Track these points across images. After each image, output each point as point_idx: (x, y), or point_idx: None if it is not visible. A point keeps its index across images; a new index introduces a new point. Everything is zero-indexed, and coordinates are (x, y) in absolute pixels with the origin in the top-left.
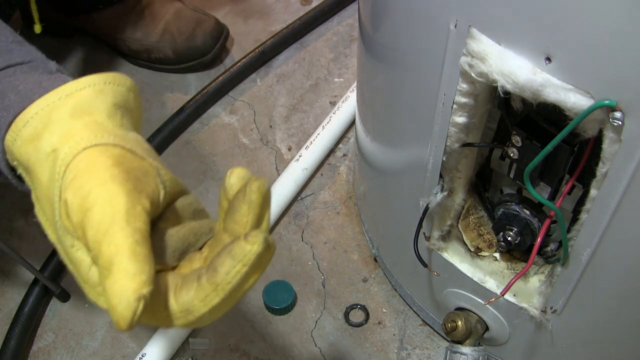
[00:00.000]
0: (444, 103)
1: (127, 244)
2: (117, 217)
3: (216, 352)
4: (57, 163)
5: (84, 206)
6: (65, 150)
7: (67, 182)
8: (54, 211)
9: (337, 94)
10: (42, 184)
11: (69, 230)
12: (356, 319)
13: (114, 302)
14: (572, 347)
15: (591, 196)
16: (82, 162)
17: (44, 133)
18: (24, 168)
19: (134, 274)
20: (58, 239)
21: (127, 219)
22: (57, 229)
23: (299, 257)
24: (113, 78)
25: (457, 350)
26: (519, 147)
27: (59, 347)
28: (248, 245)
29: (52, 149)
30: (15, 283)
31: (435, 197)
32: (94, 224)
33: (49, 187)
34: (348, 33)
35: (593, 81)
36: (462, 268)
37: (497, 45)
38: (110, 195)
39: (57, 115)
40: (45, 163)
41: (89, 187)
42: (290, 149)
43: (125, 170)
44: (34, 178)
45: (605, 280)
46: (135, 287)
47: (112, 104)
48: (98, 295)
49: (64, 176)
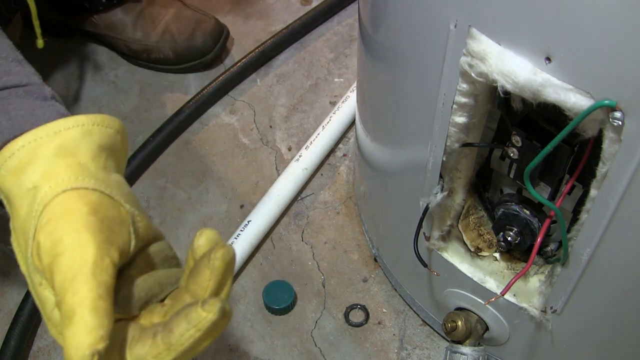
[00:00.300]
0: (444, 103)
1: (90, 297)
2: (84, 268)
3: (216, 352)
4: (36, 201)
5: (54, 250)
6: (45, 189)
7: (42, 224)
8: (27, 247)
9: (337, 94)
10: (20, 218)
11: (38, 270)
12: (356, 319)
13: (70, 352)
14: (572, 347)
15: (591, 196)
16: (58, 206)
17: (28, 168)
18: (5, 197)
19: (92, 328)
20: (28, 273)
21: (93, 272)
22: (28, 264)
23: (299, 257)
24: (102, 120)
25: (457, 350)
26: (519, 147)
27: (59, 347)
28: (204, 312)
29: (33, 186)
30: (15, 283)
31: (435, 197)
32: (62, 270)
33: (26, 222)
34: (348, 33)
35: (593, 81)
36: (462, 268)
37: (497, 45)
38: (81, 244)
39: (42, 152)
40: (25, 198)
41: (61, 233)
42: (290, 149)
43: (100, 219)
44: (13, 210)
45: (605, 280)
46: (91, 342)
47: (98, 145)
48: (58, 334)
49: (40, 216)
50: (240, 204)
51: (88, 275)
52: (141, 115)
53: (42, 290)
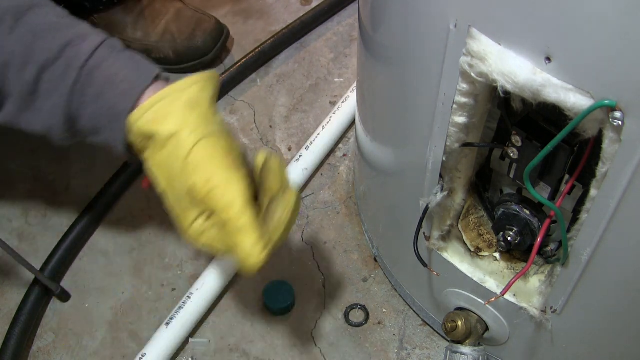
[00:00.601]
0: (444, 103)
1: (252, 218)
2: (240, 199)
3: (216, 352)
4: (180, 145)
5: (207, 186)
6: (184, 135)
7: (192, 167)
8: (172, 177)
9: (337, 94)
10: (163, 154)
11: (190, 199)
12: (356, 319)
13: (250, 259)
14: (572, 347)
15: (591, 196)
16: (200, 151)
17: (167, 118)
18: (147, 137)
19: (259, 241)
20: (176, 200)
21: (247, 200)
22: (174, 194)
23: (299, 257)
24: (210, 76)
25: (457, 350)
26: (519, 147)
27: (59, 347)
28: (288, 195)
29: (174, 131)
30: (15, 283)
31: (435, 197)
32: (220, 199)
33: (169, 158)
34: (348, 33)
35: (593, 81)
36: (462, 268)
37: (497, 45)
38: (229, 180)
39: (175, 106)
40: (167, 140)
41: (211, 173)
42: (290, 149)
43: (233, 159)
44: (155, 148)
45: (605, 280)
46: (261, 248)
47: (211, 96)
48: (199, 235)
49: (187, 159)
50: None
51: (245, 203)
52: None
53: (185, 210)
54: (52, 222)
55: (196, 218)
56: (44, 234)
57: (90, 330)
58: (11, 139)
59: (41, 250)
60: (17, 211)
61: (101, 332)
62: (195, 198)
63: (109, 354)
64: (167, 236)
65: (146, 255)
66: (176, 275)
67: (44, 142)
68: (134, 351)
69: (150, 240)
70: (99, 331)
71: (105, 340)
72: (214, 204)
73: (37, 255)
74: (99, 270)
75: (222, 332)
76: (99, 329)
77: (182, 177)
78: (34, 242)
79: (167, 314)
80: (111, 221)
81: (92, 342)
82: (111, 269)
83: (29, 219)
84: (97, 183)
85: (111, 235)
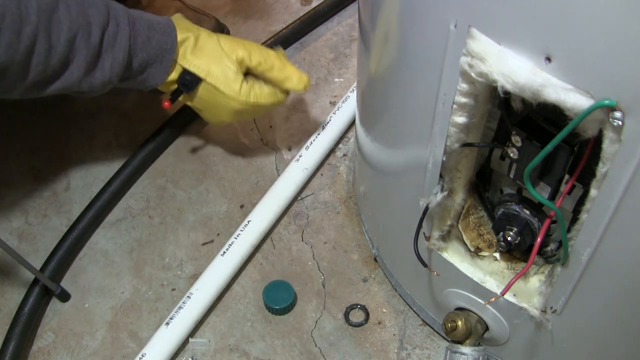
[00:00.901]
0: (444, 103)
1: (290, 64)
2: (277, 57)
3: (216, 352)
4: (210, 38)
5: (252, 55)
6: (205, 34)
7: (228, 47)
8: (214, 61)
9: (337, 94)
10: (199, 47)
11: (236, 68)
12: (356, 319)
13: (300, 84)
14: (572, 347)
15: (591, 196)
16: (225, 39)
17: (191, 31)
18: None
19: (302, 76)
20: (219, 78)
21: (282, 59)
22: (217, 73)
23: (299, 257)
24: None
25: (457, 350)
26: (519, 147)
27: (59, 347)
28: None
29: (201, 34)
30: (15, 283)
31: (435, 197)
32: (268, 59)
33: (205, 49)
34: (348, 33)
35: (593, 81)
36: (462, 268)
37: (497, 45)
38: (263, 48)
39: (199, 30)
40: (199, 39)
41: (249, 47)
42: (290, 149)
43: (248, 44)
44: (193, 50)
45: (605, 280)
46: (302, 75)
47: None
48: (248, 92)
49: (219, 43)
50: (240, 204)
51: (285, 62)
52: (141, 115)
53: (235, 81)
54: (52, 222)
55: (242, 83)
56: (44, 234)
57: (90, 330)
58: (11, 139)
59: (41, 250)
60: (17, 211)
61: (101, 332)
62: (242, 65)
63: (108, 354)
64: (167, 236)
65: (146, 255)
66: (176, 275)
67: (44, 142)
68: (133, 351)
69: (150, 240)
70: (99, 331)
71: (105, 340)
72: (263, 65)
73: (37, 255)
74: (99, 270)
75: (222, 332)
76: (99, 329)
77: (224, 54)
78: (34, 242)
79: (167, 314)
80: (111, 221)
81: (92, 342)
82: (111, 269)
83: (29, 219)
84: (97, 183)
85: (111, 235)
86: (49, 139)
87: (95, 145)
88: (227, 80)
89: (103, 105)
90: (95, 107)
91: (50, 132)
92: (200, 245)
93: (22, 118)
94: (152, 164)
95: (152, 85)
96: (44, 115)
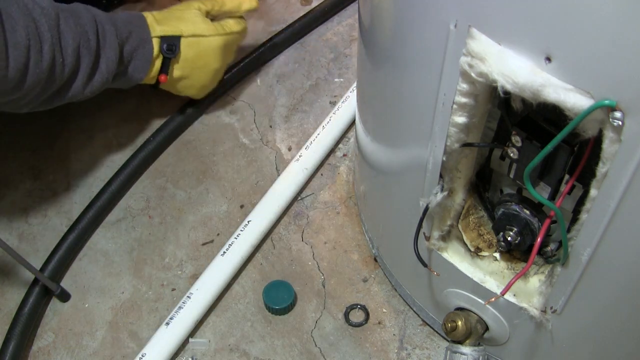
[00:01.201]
0: (444, 103)
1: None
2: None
3: (216, 352)
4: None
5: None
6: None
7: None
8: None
9: (337, 94)
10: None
11: (204, 13)
12: (356, 319)
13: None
14: (572, 347)
15: (591, 196)
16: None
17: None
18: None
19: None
20: (191, 20)
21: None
22: (188, 18)
23: (299, 257)
24: None
25: (457, 350)
26: (519, 147)
27: (59, 347)
28: None
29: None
30: (15, 283)
31: (435, 197)
32: (217, 1)
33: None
34: (348, 33)
35: (593, 81)
36: (462, 268)
37: (497, 45)
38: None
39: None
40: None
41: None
42: (290, 149)
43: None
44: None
45: (605, 280)
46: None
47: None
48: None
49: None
50: (240, 204)
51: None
52: (141, 115)
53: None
54: (52, 222)
55: (211, 21)
56: (44, 234)
57: (90, 330)
58: (11, 139)
59: (41, 250)
60: (17, 211)
61: (101, 332)
62: (201, 12)
63: (108, 354)
64: (167, 236)
65: (146, 255)
66: (176, 275)
67: (44, 142)
68: (133, 351)
69: (150, 240)
70: (99, 331)
71: (105, 340)
72: (216, 5)
73: (37, 255)
74: (99, 270)
75: (222, 332)
76: (99, 329)
77: (184, 9)
78: (34, 242)
79: (167, 314)
80: (111, 221)
81: (92, 342)
82: (111, 269)
83: (29, 219)
84: (97, 183)
85: (111, 235)
86: (49, 139)
87: (95, 145)
88: (201, 24)
89: (103, 105)
90: (95, 107)
91: (50, 132)
92: (200, 245)
93: (22, 118)
94: (152, 164)
95: (138, 79)
96: (44, 115)
